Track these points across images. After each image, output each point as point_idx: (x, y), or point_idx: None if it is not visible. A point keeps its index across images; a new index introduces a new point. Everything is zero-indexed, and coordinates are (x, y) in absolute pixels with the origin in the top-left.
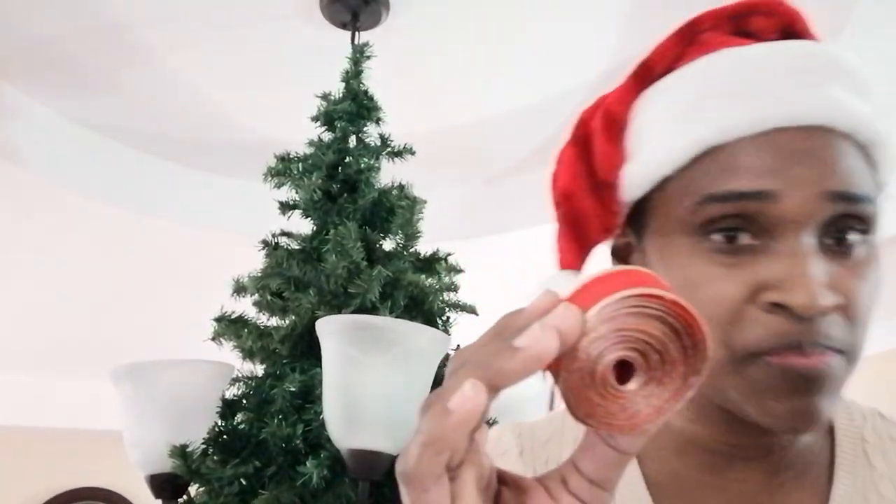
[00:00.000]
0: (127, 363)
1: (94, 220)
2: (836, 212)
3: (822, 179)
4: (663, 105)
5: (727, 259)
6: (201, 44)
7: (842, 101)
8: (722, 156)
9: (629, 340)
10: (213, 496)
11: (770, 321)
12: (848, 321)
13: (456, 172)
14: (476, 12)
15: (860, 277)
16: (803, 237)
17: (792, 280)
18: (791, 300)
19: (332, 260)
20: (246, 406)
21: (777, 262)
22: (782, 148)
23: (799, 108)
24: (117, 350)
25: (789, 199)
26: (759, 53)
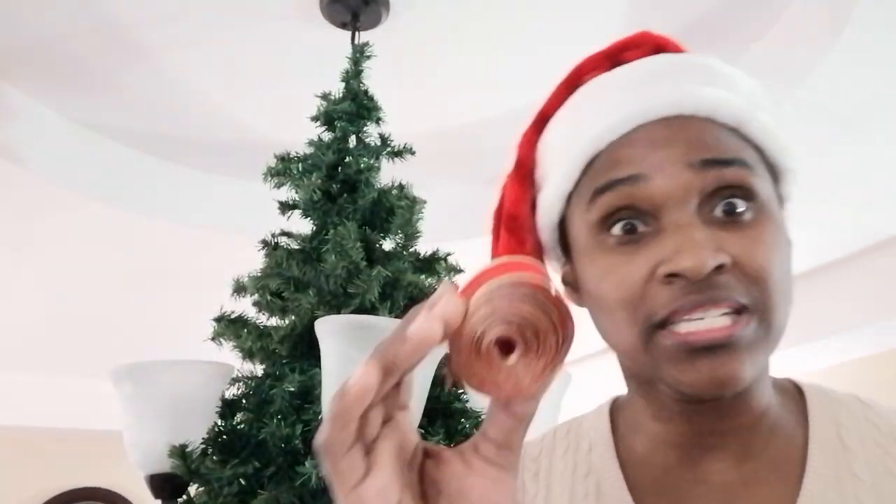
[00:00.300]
0: (127, 363)
1: (94, 220)
2: (708, 180)
3: (684, 154)
4: (554, 136)
5: (627, 248)
6: (201, 44)
7: (694, 91)
8: (601, 159)
9: (505, 320)
10: (212, 496)
11: (667, 291)
12: (748, 279)
13: (456, 172)
14: (476, 12)
15: (752, 239)
16: (683, 211)
17: (679, 249)
18: (679, 266)
19: (331, 260)
20: (245, 406)
21: (666, 238)
22: (646, 139)
23: (655, 103)
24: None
25: (658, 178)
26: (620, 71)
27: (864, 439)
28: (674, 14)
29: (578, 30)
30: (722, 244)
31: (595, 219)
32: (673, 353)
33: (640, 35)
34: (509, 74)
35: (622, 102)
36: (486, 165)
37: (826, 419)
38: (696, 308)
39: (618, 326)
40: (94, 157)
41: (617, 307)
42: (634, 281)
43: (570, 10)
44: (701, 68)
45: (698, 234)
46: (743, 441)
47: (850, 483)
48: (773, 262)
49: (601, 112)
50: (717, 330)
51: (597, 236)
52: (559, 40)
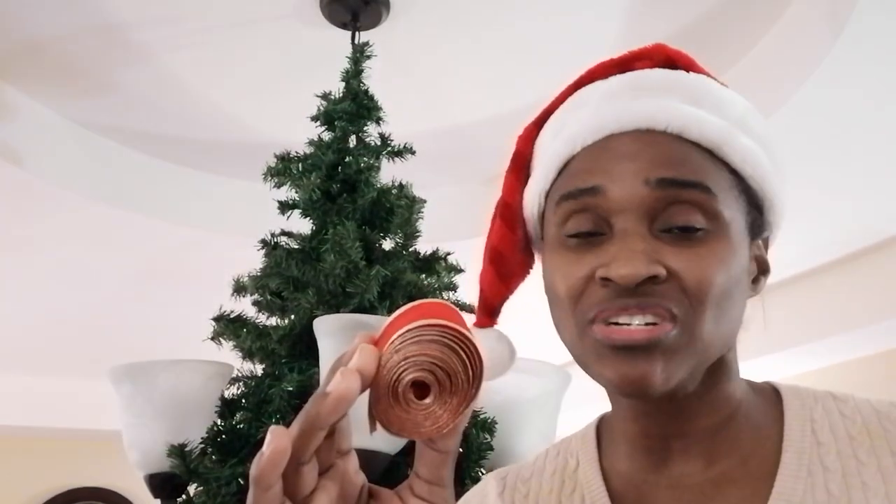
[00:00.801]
0: (126, 363)
1: (93, 221)
2: (661, 198)
3: (643, 170)
4: (545, 134)
5: (581, 249)
6: (201, 44)
7: (671, 108)
8: (574, 163)
9: (417, 364)
10: (211, 496)
11: (601, 293)
12: (683, 292)
13: (456, 172)
14: (476, 12)
15: (697, 255)
16: (631, 221)
17: (616, 257)
18: (611, 273)
19: (330, 260)
20: (245, 406)
21: (612, 244)
22: (612, 150)
23: (628, 115)
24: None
25: (613, 190)
26: (612, 81)
27: (837, 432)
28: (673, 15)
29: (578, 30)
30: (662, 257)
31: (559, 221)
32: (598, 348)
33: (655, 47)
34: (509, 74)
35: (600, 111)
36: (486, 165)
37: (801, 417)
38: (621, 311)
39: (563, 319)
40: (94, 157)
41: (562, 300)
42: (577, 279)
43: (569, 10)
44: (689, 87)
45: (639, 244)
46: (709, 443)
47: (821, 475)
48: (715, 280)
49: (581, 118)
50: (636, 332)
51: (560, 235)
52: (559, 41)
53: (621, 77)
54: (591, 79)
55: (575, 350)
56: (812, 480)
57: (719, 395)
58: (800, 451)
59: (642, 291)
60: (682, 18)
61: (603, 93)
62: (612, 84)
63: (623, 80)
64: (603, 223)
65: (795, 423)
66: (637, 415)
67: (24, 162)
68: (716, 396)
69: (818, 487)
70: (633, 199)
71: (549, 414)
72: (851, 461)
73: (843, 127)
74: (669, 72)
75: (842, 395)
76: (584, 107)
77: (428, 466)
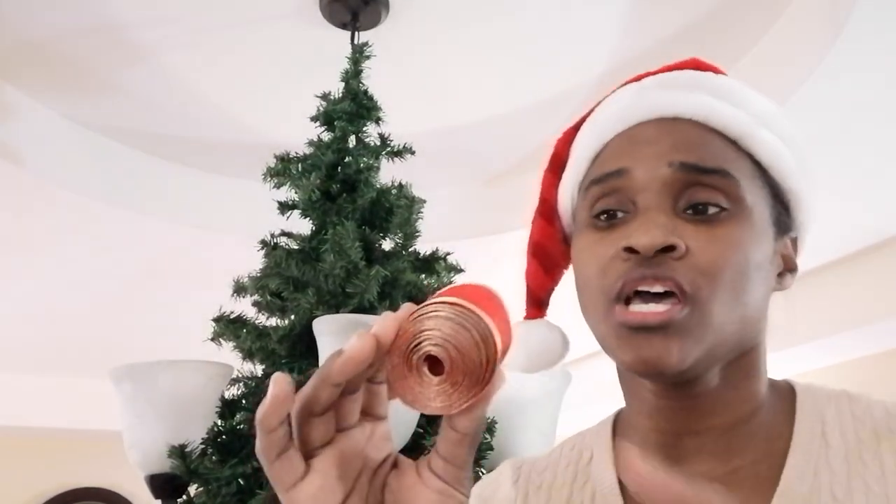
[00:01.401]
0: (126, 363)
1: (94, 220)
2: (683, 180)
3: (666, 154)
4: (580, 133)
5: (608, 230)
6: (201, 44)
7: (694, 98)
8: (604, 152)
9: (431, 339)
10: (211, 496)
11: (623, 265)
12: (696, 270)
13: (456, 172)
14: (476, 12)
15: (714, 235)
16: (653, 200)
17: (638, 228)
18: (632, 241)
19: (330, 260)
20: (245, 406)
21: (635, 221)
22: (638, 136)
23: (655, 106)
24: (117, 350)
25: (638, 171)
26: (643, 81)
27: (847, 434)
28: (674, 14)
29: (578, 30)
30: (681, 234)
31: (589, 205)
32: (619, 328)
33: (689, 61)
34: (509, 74)
35: (629, 104)
36: (486, 165)
37: (812, 417)
38: (640, 281)
39: (591, 300)
40: (94, 157)
41: (589, 280)
42: (603, 257)
43: (570, 10)
44: (717, 85)
45: (660, 218)
46: (723, 442)
47: (827, 476)
48: (729, 261)
49: (612, 111)
50: (652, 314)
51: (588, 218)
52: (559, 41)
53: (652, 77)
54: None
55: (599, 332)
56: (817, 482)
57: (739, 395)
58: (807, 453)
59: (657, 262)
60: (682, 18)
61: (634, 90)
62: (643, 82)
63: (653, 78)
64: (628, 203)
65: (806, 424)
66: (652, 410)
67: (24, 162)
68: (735, 395)
69: (823, 490)
70: (656, 180)
71: (549, 414)
72: (858, 464)
73: (838, 129)
74: (698, 72)
75: (857, 394)
76: (615, 102)
77: (445, 444)
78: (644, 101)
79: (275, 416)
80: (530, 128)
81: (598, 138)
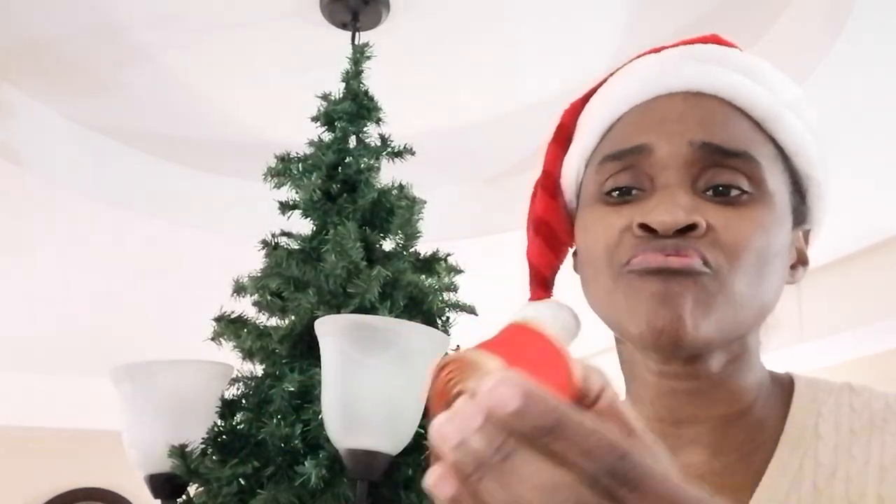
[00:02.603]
0: (126, 363)
1: (94, 220)
2: (705, 160)
3: (689, 132)
4: (590, 104)
5: (618, 205)
6: (201, 44)
7: (721, 74)
8: (617, 127)
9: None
10: (211, 496)
11: (636, 240)
12: (719, 247)
13: (456, 172)
14: (476, 12)
15: (737, 215)
16: (675, 177)
17: (658, 205)
18: (650, 218)
19: (331, 260)
20: (245, 406)
21: (653, 197)
22: (659, 110)
23: (678, 78)
24: (117, 350)
25: (660, 148)
26: (663, 53)
27: (840, 427)
28: (673, 14)
29: (578, 30)
30: (703, 212)
31: (601, 180)
32: (632, 284)
33: (709, 36)
34: (509, 74)
35: (649, 75)
36: (486, 165)
37: (806, 410)
38: (658, 252)
39: (597, 274)
40: (95, 157)
41: (599, 253)
42: (614, 229)
43: (570, 10)
44: (744, 63)
45: (681, 196)
46: (720, 434)
47: (811, 470)
48: (752, 241)
49: (629, 82)
50: (674, 260)
51: (599, 193)
52: (559, 41)
53: (673, 49)
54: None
55: (604, 305)
56: (801, 474)
57: (739, 384)
58: (795, 446)
59: (677, 240)
60: (682, 18)
61: (655, 61)
62: (664, 54)
63: (675, 50)
64: (645, 179)
65: (798, 417)
66: (653, 396)
67: (24, 162)
68: (735, 386)
69: (805, 482)
70: (678, 158)
71: None
72: (845, 456)
73: (838, 129)
74: (723, 47)
75: (860, 387)
76: (631, 73)
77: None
78: (667, 72)
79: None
80: (530, 128)
81: (612, 110)
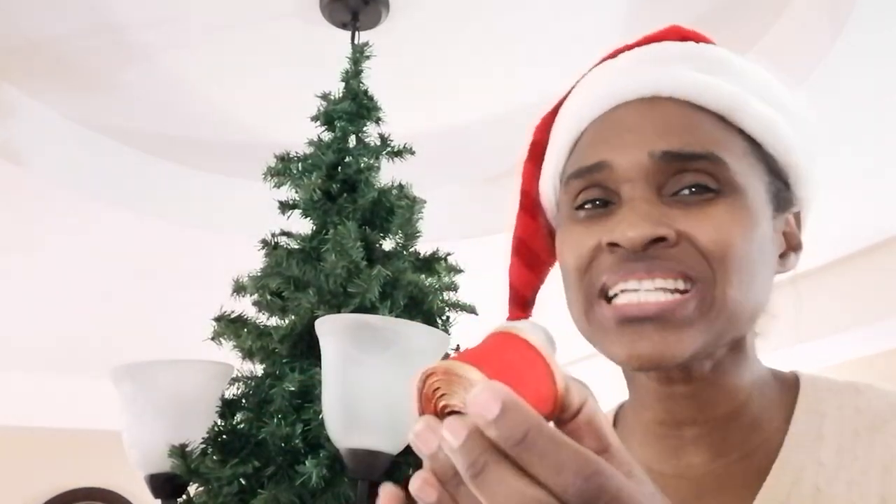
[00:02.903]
0: (126, 363)
1: (94, 220)
2: (668, 168)
3: (647, 142)
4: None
5: (591, 221)
6: (201, 44)
7: (676, 74)
8: (580, 142)
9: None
10: (212, 496)
11: (609, 259)
12: (697, 253)
13: (456, 172)
14: (476, 12)
15: (708, 216)
16: (638, 188)
17: (622, 220)
18: (616, 236)
19: (331, 259)
20: (245, 406)
21: (619, 212)
22: (616, 121)
23: (632, 84)
24: (117, 350)
25: (619, 163)
26: (622, 57)
27: (844, 427)
28: (673, 14)
29: (578, 30)
30: (671, 220)
31: (570, 198)
32: (607, 324)
33: (670, 29)
34: (509, 74)
35: (606, 84)
36: (486, 165)
37: (811, 412)
38: (629, 276)
39: (572, 293)
40: (95, 157)
41: (571, 273)
42: (586, 248)
43: (570, 10)
44: (703, 57)
45: (644, 207)
46: (720, 434)
47: (813, 470)
48: (729, 240)
49: (589, 95)
50: (648, 305)
51: (570, 211)
52: (559, 41)
53: (630, 52)
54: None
55: (583, 328)
56: (802, 476)
57: (734, 382)
58: (798, 447)
59: (651, 255)
60: (681, 19)
61: (609, 70)
62: (620, 60)
63: (631, 54)
64: (612, 194)
65: (802, 418)
66: (652, 401)
67: (24, 162)
68: (731, 383)
69: (807, 483)
70: (640, 170)
71: None
72: (848, 457)
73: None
74: (680, 43)
75: (865, 387)
76: (591, 84)
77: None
78: (620, 81)
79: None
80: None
81: (575, 125)
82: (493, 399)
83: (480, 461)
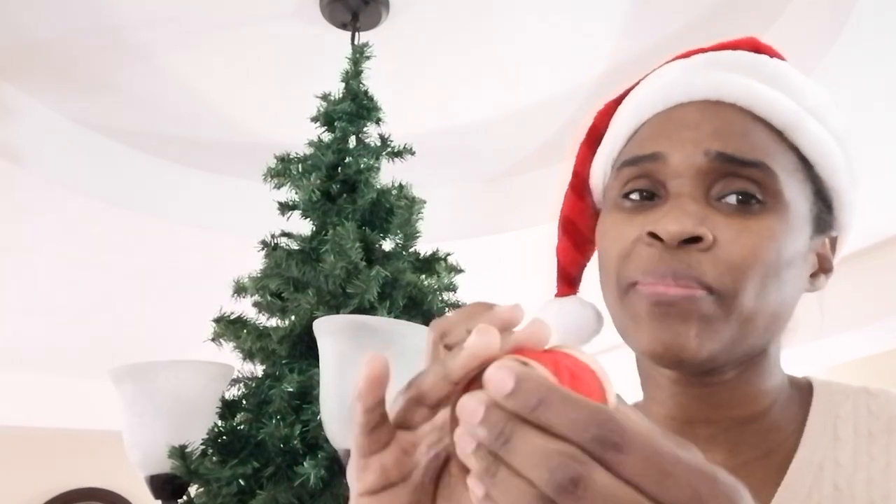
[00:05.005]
0: (127, 363)
1: (94, 220)
2: (720, 170)
3: (704, 141)
4: (621, 108)
5: (635, 211)
6: (201, 44)
7: (741, 82)
8: (639, 132)
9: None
10: (211, 496)
11: (647, 252)
12: (723, 265)
13: (456, 172)
14: (476, 13)
15: (746, 228)
16: (687, 186)
17: (667, 213)
18: (658, 227)
19: (330, 260)
20: (245, 407)
21: (663, 207)
22: (677, 118)
23: (698, 86)
24: (117, 350)
25: (674, 156)
26: (691, 59)
27: (859, 429)
28: (673, 14)
29: (579, 30)
30: (712, 225)
31: (619, 184)
32: (639, 308)
33: (746, 39)
34: (509, 74)
35: (671, 82)
36: (486, 165)
37: (826, 413)
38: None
39: (608, 279)
40: (94, 156)
41: (611, 261)
42: (627, 238)
43: (570, 10)
44: (768, 70)
45: (690, 205)
46: (735, 434)
47: (831, 470)
48: (759, 256)
49: (653, 90)
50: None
51: (617, 198)
52: (559, 40)
53: (704, 55)
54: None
55: (615, 313)
56: (821, 475)
57: (754, 390)
58: (815, 447)
59: (682, 254)
60: (681, 18)
61: (680, 68)
62: (691, 60)
63: (702, 57)
64: (660, 187)
65: (817, 420)
66: (666, 397)
67: (24, 162)
68: (751, 391)
69: (826, 482)
70: (692, 167)
71: None
72: (864, 457)
73: None
74: (750, 53)
75: (877, 391)
76: (657, 79)
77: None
78: (688, 80)
79: (371, 396)
80: (530, 128)
81: (636, 116)
82: (508, 374)
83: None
